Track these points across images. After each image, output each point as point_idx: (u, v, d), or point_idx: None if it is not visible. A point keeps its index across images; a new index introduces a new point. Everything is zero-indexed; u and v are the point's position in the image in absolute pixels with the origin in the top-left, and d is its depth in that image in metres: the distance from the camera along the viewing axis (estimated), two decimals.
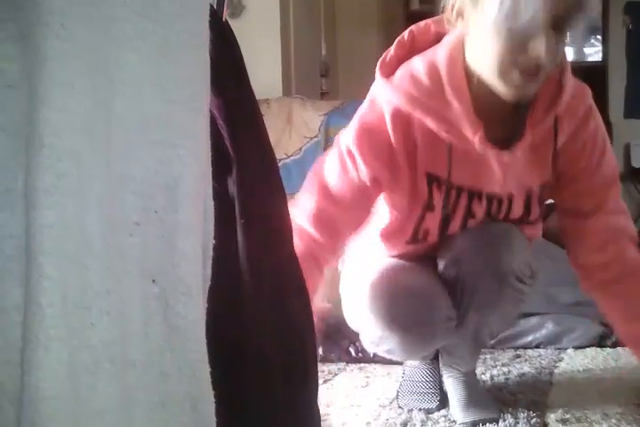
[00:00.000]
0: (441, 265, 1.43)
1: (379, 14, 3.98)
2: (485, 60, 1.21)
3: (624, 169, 4.21)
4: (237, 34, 0.85)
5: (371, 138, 1.33)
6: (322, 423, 0.91)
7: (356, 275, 1.51)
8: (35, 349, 0.48)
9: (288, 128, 2.73)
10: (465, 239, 1.39)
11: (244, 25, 2.91)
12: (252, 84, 0.85)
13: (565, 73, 1.30)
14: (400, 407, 1.58)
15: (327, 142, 2.72)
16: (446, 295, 1.40)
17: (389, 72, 1.33)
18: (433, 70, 1.28)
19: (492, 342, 2.04)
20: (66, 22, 0.48)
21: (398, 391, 1.62)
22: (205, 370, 0.61)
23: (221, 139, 0.80)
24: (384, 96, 1.32)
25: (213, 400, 0.61)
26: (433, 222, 1.39)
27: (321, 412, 0.91)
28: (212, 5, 0.80)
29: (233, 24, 0.86)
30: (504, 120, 1.32)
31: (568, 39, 1.23)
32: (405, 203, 1.38)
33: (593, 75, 4.28)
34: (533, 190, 1.39)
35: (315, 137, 2.70)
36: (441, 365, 1.57)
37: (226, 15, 0.84)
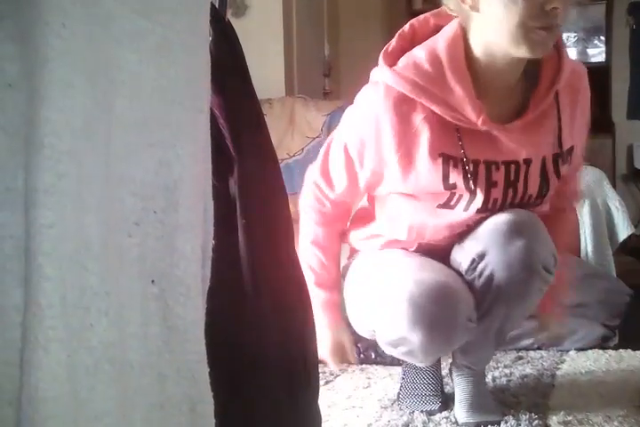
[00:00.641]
0: (463, 258, 1.43)
1: (382, 14, 3.98)
2: (504, 29, 1.29)
3: (627, 170, 4.20)
4: (240, 33, 0.85)
5: (377, 124, 1.36)
6: (323, 425, 0.90)
7: (371, 276, 1.51)
8: (34, 349, 0.47)
9: (290, 128, 2.72)
10: (490, 231, 1.39)
11: (248, 24, 2.91)
12: (254, 83, 0.85)
13: (563, 52, 1.40)
14: (401, 409, 1.57)
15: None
16: (469, 295, 1.39)
17: (392, 62, 1.38)
18: (434, 57, 1.35)
19: None
20: (66, 21, 0.48)
21: (399, 394, 1.61)
22: (204, 372, 0.60)
23: (223, 139, 0.80)
24: (388, 82, 1.35)
25: (212, 402, 0.61)
26: (460, 196, 1.41)
27: (322, 413, 0.91)
28: (214, 5, 0.80)
29: (236, 24, 0.86)
30: (506, 98, 1.40)
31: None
32: (425, 186, 1.40)
33: (596, 76, 4.27)
34: (547, 158, 1.43)
35: (317, 137, 2.70)
36: (452, 364, 1.56)
37: (228, 14, 0.84)
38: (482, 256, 1.39)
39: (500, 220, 1.40)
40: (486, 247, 1.39)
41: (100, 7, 0.51)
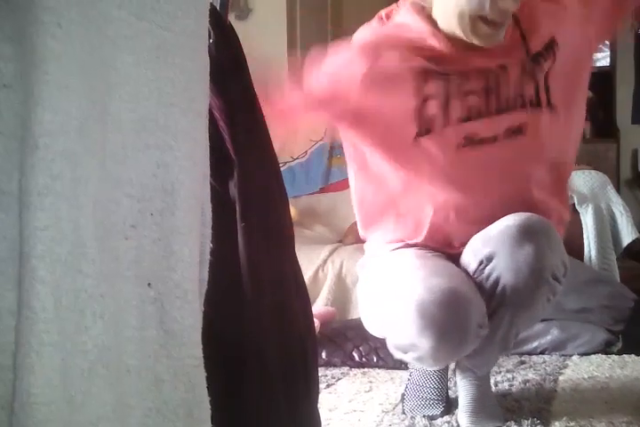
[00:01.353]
0: (472, 259, 1.41)
1: None
2: (453, 19, 1.37)
3: (631, 175, 4.19)
4: (244, 36, 0.84)
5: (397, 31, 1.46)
6: None
7: (384, 280, 1.49)
8: (27, 353, 0.47)
9: (294, 131, 2.72)
10: (501, 233, 1.37)
11: (251, 27, 2.91)
12: None
13: None
14: (404, 413, 1.57)
15: (333, 146, 2.71)
16: (480, 301, 1.37)
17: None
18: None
19: None
20: (62, 22, 0.48)
21: (404, 395, 1.60)
22: (201, 376, 0.60)
23: (223, 141, 0.79)
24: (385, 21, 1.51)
25: (209, 406, 0.60)
26: (435, 109, 1.42)
27: (323, 417, 0.90)
28: (215, 7, 0.79)
29: (240, 26, 0.86)
30: None
31: None
32: (401, 98, 1.43)
33: (601, 80, 4.27)
34: (524, 61, 1.44)
35: (320, 140, 2.70)
36: (456, 367, 1.55)
37: (231, 17, 0.84)
38: (490, 258, 1.37)
39: (511, 221, 1.37)
40: (495, 249, 1.36)
41: (97, 8, 0.50)
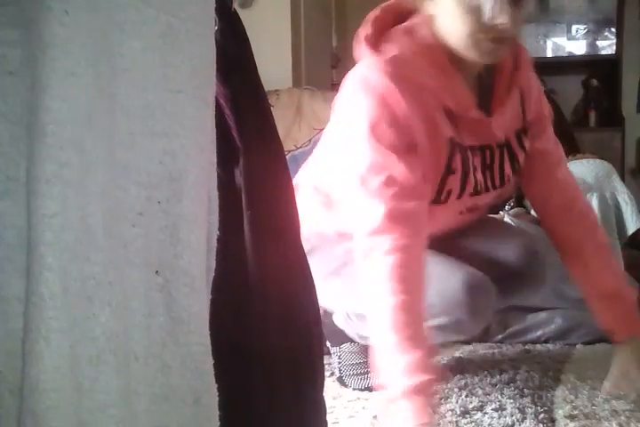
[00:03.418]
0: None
1: None
2: (457, 34, 1.34)
3: (636, 164, 4.17)
4: (248, 24, 0.84)
5: (389, 111, 1.32)
6: (328, 416, 0.90)
7: None
8: (35, 340, 0.47)
9: (298, 119, 2.71)
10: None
11: (255, 15, 2.90)
12: (261, 74, 0.84)
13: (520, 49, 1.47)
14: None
15: None
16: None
17: (376, 48, 1.37)
18: (420, 52, 1.36)
19: (500, 336, 2.04)
20: (69, 8, 0.48)
21: (341, 374, 1.70)
22: (209, 363, 0.60)
23: (229, 129, 0.79)
24: (387, 70, 1.32)
25: (216, 393, 0.60)
26: (455, 183, 1.44)
27: (327, 405, 0.91)
28: None
29: (243, 14, 0.85)
30: (475, 83, 1.46)
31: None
32: (425, 172, 1.38)
33: (606, 68, 4.25)
34: (510, 137, 1.50)
35: (324, 128, 2.69)
36: None
37: (235, 5, 0.83)
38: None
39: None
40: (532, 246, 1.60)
41: None
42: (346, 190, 1.39)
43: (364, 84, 1.34)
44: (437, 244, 1.49)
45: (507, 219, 2.25)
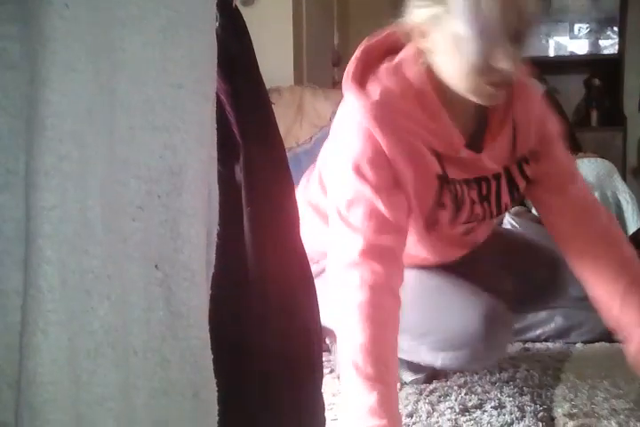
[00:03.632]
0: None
1: (391, 3, 3.95)
2: (452, 75, 1.28)
3: (637, 163, 4.17)
4: (250, 22, 0.84)
5: (374, 148, 1.30)
6: (327, 413, 0.90)
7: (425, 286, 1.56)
8: (33, 333, 0.47)
9: (299, 117, 2.71)
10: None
11: (257, 13, 2.89)
12: (263, 72, 0.84)
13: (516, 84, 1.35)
14: (407, 399, 1.58)
15: None
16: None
17: (362, 85, 1.33)
18: (408, 93, 1.31)
19: None
20: (70, 2, 0.47)
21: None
22: (208, 357, 0.60)
23: (229, 125, 0.79)
24: (373, 113, 1.30)
25: (215, 388, 0.60)
26: (445, 216, 1.42)
27: (327, 401, 0.91)
28: None
29: (246, 12, 0.85)
30: (468, 119, 1.41)
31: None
32: (411, 206, 1.38)
33: (608, 67, 4.24)
34: (511, 166, 1.45)
35: (326, 126, 2.69)
36: None
37: (237, 2, 0.83)
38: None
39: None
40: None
41: None
42: (329, 218, 1.37)
43: (352, 122, 1.34)
44: (456, 267, 1.51)
45: (508, 218, 2.24)
